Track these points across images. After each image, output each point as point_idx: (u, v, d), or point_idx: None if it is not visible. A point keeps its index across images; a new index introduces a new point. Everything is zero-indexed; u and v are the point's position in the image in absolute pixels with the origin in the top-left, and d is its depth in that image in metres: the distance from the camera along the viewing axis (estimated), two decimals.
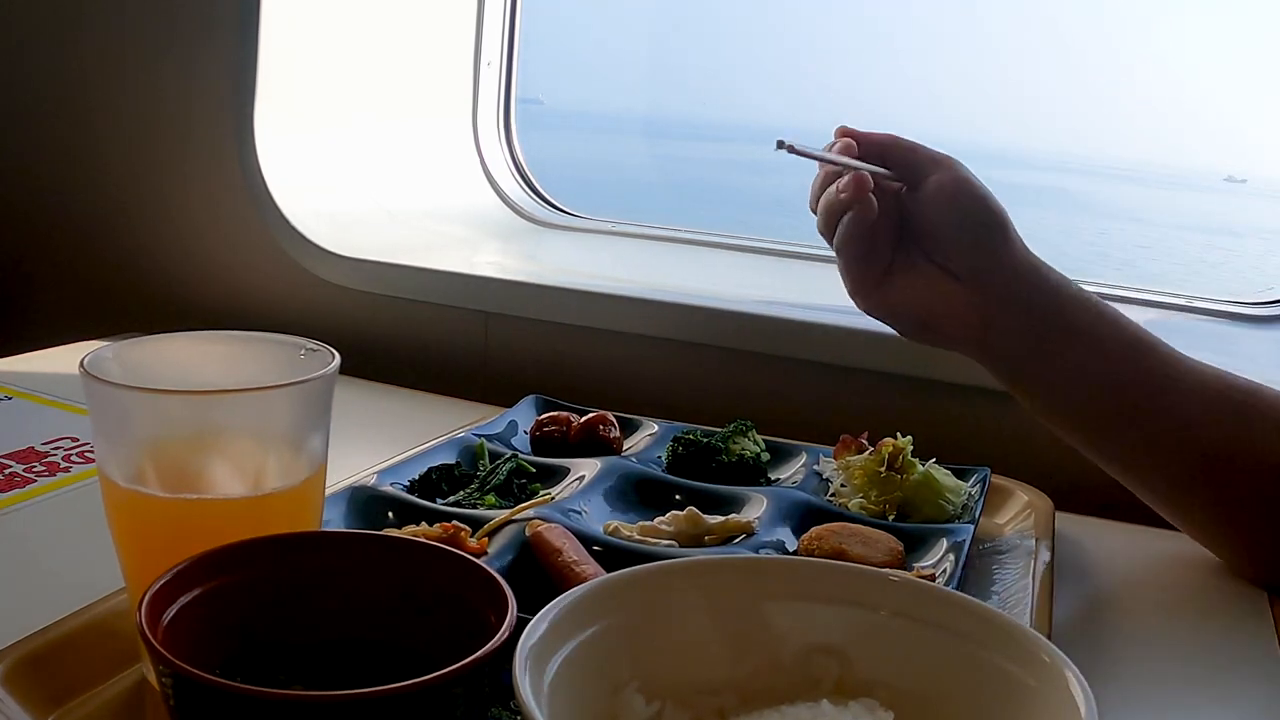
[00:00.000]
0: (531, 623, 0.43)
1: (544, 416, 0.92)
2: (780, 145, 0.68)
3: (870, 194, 0.74)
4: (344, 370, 0.56)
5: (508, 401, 0.98)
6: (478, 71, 1.52)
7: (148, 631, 0.42)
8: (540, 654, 0.42)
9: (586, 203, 1.53)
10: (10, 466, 0.85)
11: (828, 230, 0.77)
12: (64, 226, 1.40)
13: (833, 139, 0.76)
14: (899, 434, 0.81)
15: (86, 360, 0.52)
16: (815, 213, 0.78)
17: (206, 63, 1.26)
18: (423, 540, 0.51)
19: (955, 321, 0.75)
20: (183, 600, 0.45)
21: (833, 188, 0.76)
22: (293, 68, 1.27)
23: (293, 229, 1.24)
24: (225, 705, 0.39)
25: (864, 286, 0.77)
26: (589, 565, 0.63)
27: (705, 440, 0.85)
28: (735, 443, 0.85)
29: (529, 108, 1.68)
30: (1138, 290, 1.23)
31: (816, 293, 1.27)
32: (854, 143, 0.76)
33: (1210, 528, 0.78)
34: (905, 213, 0.76)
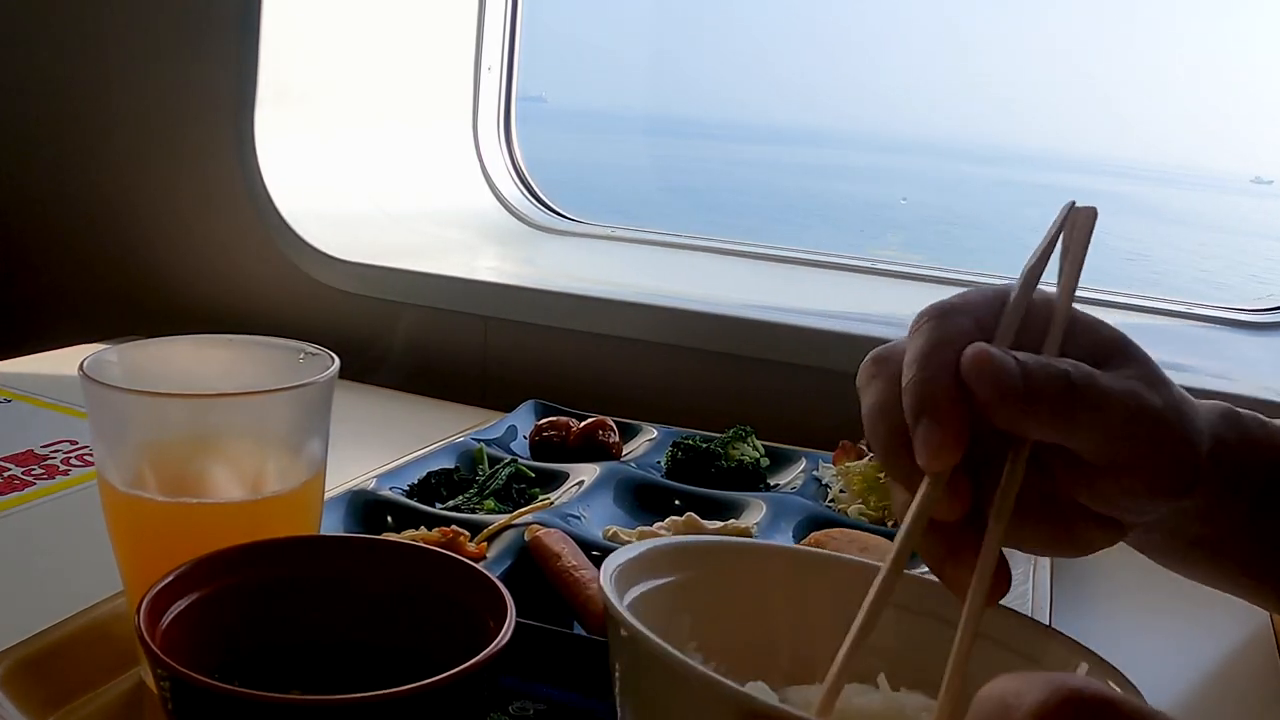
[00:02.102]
0: (617, 552, 0.44)
1: (543, 421, 0.92)
2: None
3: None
4: (343, 374, 0.56)
5: (507, 406, 0.99)
6: (478, 76, 1.52)
7: (146, 635, 0.42)
8: (621, 580, 0.42)
9: (589, 200, 1.54)
10: (9, 469, 0.85)
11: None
12: (63, 229, 1.40)
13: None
14: None
15: (86, 363, 0.52)
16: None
17: (207, 66, 1.26)
18: (421, 545, 0.51)
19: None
20: (181, 604, 0.45)
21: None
22: (293, 71, 1.27)
23: (293, 233, 1.24)
24: (223, 709, 0.39)
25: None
26: (588, 570, 0.63)
27: (705, 445, 0.85)
28: (735, 448, 0.85)
29: (533, 105, 1.70)
30: (1137, 297, 1.23)
31: (817, 298, 1.28)
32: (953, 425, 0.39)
33: None
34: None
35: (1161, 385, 0.42)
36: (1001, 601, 0.42)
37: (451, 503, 0.77)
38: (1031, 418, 0.38)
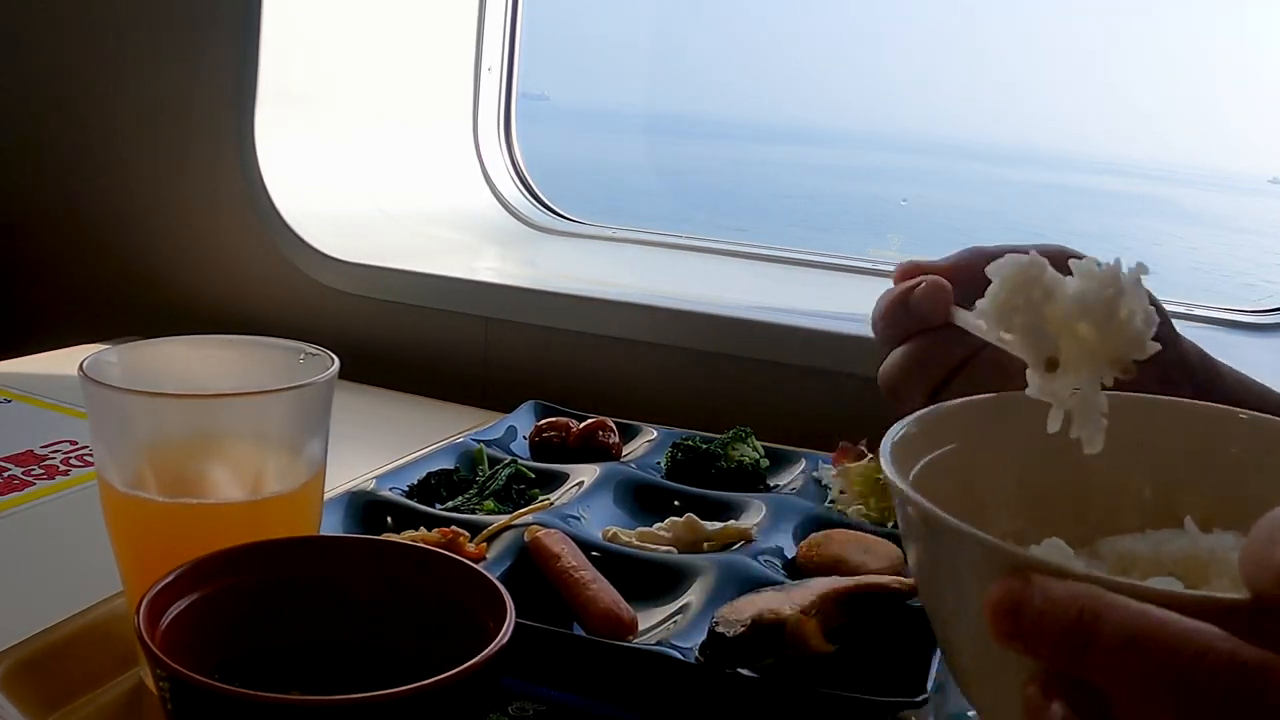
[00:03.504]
0: (898, 425, 0.43)
1: (543, 422, 0.92)
2: None
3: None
4: (343, 375, 0.56)
5: (507, 407, 0.99)
6: (478, 76, 1.52)
7: (146, 635, 0.42)
8: (905, 454, 0.42)
9: (592, 199, 1.53)
10: (9, 470, 0.85)
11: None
12: (63, 229, 1.40)
13: (894, 282, 0.57)
14: None
15: (86, 363, 0.52)
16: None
17: (207, 67, 1.26)
18: (421, 545, 0.51)
19: None
20: (181, 604, 0.45)
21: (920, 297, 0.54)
22: (293, 72, 1.27)
23: (293, 233, 1.24)
24: (223, 709, 0.39)
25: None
26: (587, 571, 0.63)
27: (704, 446, 0.85)
28: (734, 449, 0.85)
29: (536, 104, 1.69)
30: None
31: (817, 299, 1.27)
32: (939, 283, 0.54)
33: None
34: None
35: None
36: None
37: (451, 503, 0.77)
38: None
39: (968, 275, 0.52)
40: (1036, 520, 0.44)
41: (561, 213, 1.56)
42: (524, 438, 0.92)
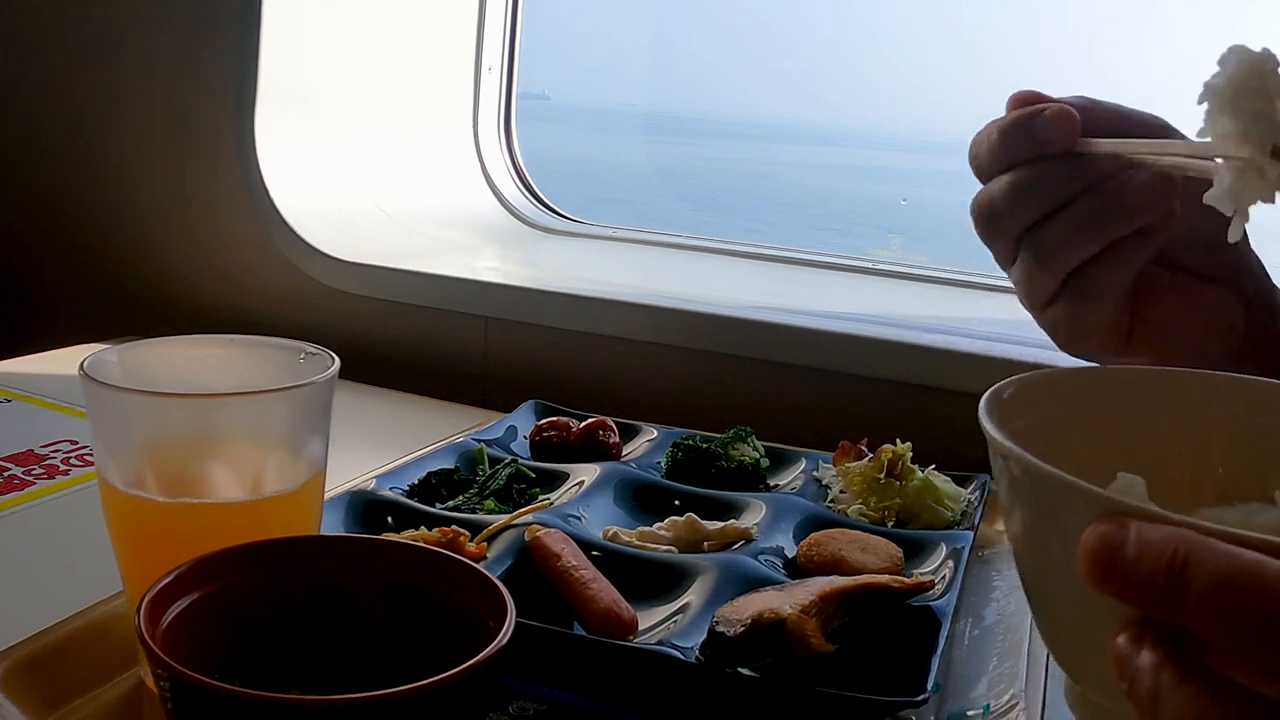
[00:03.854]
0: (997, 387, 0.43)
1: (543, 422, 0.92)
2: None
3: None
4: (344, 375, 0.56)
5: (507, 406, 0.99)
6: (478, 76, 1.52)
7: (146, 635, 0.42)
8: (1008, 411, 0.42)
9: (595, 199, 1.53)
10: (9, 469, 0.85)
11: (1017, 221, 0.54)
12: (65, 230, 1.40)
13: (1008, 109, 0.55)
14: (898, 440, 0.81)
15: (86, 363, 0.52)
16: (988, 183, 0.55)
17: (208, 66, 1.26)
18: (422, 545, 0.51)
19: (1215, 334, 0.59)
20: (181, 604, 0.45)
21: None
22: (294, 72, 1.27)
23: (293, 233, 1.25)
24: (223, 709, 0.39)
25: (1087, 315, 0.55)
26: (588, 570, 0.63)
27: (705, 446, 0.85)
28: (735, 449, 0.85)
29: (536, 103, 1.68)
30: None
31: (818, 299, 1.27)
32: (1068, 109, 0.52)
33: None
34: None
35: None
36: (1001, 615, 0.43)
37: (452, 503, 0.77)
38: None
39: (1084, 116, 0.52)
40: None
41: (561, 212, 1.56)
42: (524, 437, 0.92)
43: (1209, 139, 0.44)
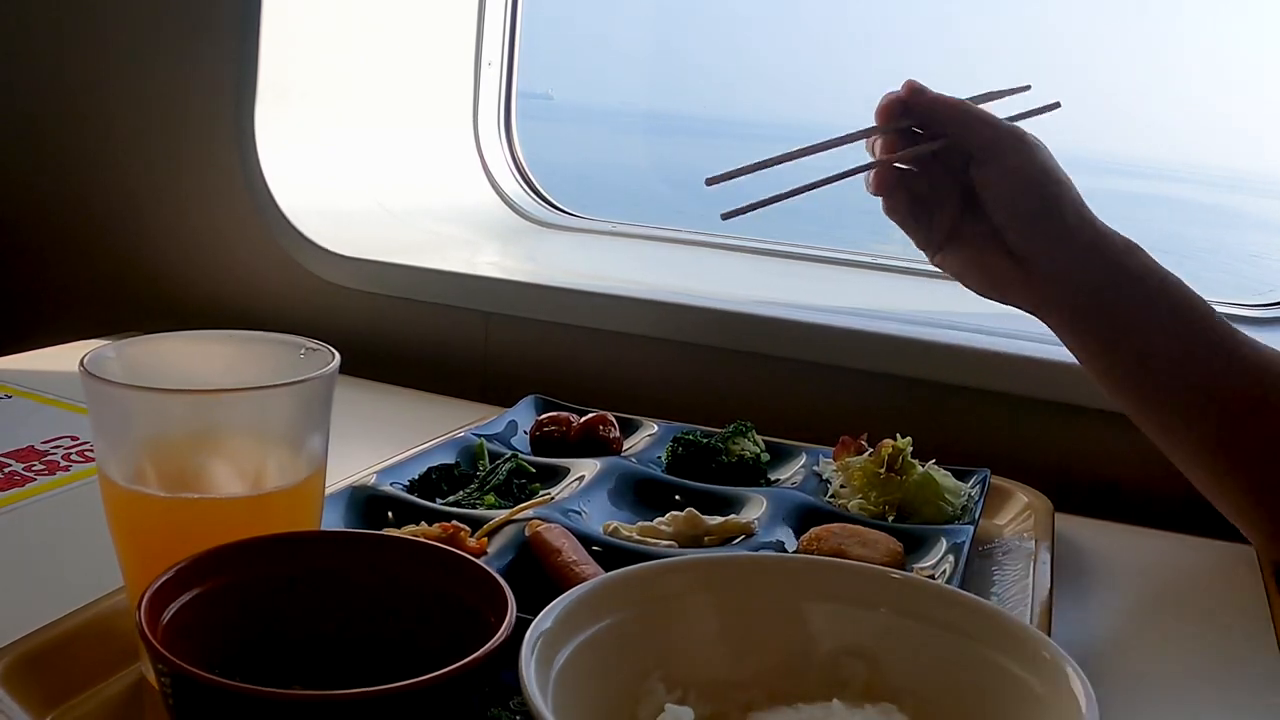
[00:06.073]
0: (543, 612, 0.44)
1: (544, 417, 0.91)
2: (710, 182, 0.72)
3: (886, 170, 0.77)
4: (344, 370, 0.56)
5: (508, 401, 0.98)
6: (478, 71, 1.52)
7: (147, 630, 0.42)
8: (550, 642, 0.43)
9: (597, 199, 1.52)
10: (10, 465, 0.85)
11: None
12: (64, 225, 1.40)
13: (899, 89, 0.77)
14: (899, 435, 0.81)
15: (86, 359, 0.52)
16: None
17: (208, 62, 1.26)
18: (422, 540, 0.51)
19: (1014, 294, 0.77)
20: (182, 599, 0.45)
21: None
22: (293, 67, 1.27)
23: (293, 228, 1.24)
24: (224, 704, 0.39)
25: (927, 249, 0.79)
26: (588, 565, 0.63)
27: (705, 441, 0.85)
28: (735, 443, 0.85)
29: (538, 103, 1.68)
30: None
31: (817, 293, 1.27)
32: (900, 102, 0.76)
33: (1248, 500, 0.74)
34: (970, 182, 0.75)
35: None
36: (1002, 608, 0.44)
37: (452, 498, 0.77)
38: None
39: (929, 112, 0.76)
40: (694, 686, 0.46)
41: (561, 207, 1.56)
42: (525, 432, 0.92)
43: None
